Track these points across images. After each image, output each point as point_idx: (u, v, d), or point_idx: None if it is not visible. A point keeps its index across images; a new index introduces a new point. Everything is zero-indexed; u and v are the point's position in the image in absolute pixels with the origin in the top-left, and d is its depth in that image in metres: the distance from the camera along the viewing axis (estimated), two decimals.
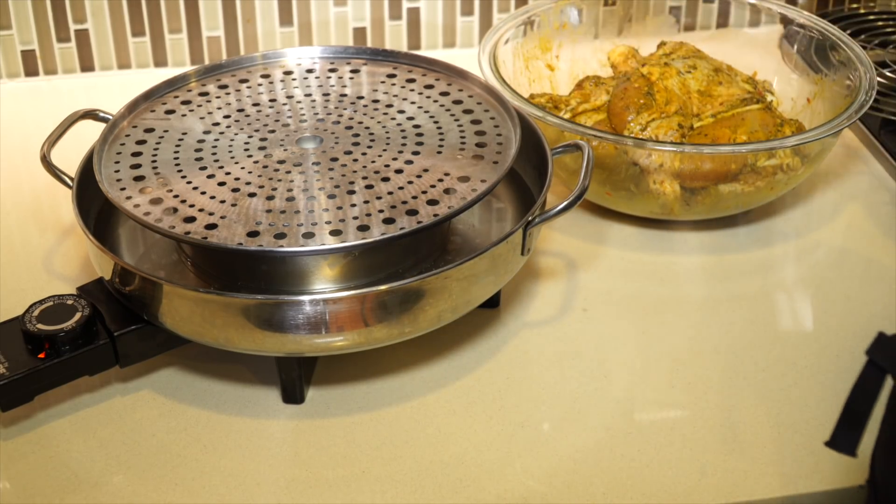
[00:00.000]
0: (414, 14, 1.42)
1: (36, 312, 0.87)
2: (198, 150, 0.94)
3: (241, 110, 0.99)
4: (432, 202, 0.87)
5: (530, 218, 0.90)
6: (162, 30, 1.37)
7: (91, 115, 1.01)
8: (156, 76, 1.02)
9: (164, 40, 1.38)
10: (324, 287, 0.86)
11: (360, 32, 1.42)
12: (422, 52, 1.25)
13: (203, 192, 0.88)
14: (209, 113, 0.99)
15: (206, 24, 1.38)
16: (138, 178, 0.90)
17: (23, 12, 1.33)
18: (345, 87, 1.03)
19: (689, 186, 1.08)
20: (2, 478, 0.83)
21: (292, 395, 0.90)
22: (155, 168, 0.91)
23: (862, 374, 0.68)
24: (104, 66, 1.39)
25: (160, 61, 1.39)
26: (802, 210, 1.16)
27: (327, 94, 1.01)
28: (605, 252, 1.09)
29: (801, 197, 1.17)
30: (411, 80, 1.03)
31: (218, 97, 1.01)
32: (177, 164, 0.92)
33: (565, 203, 0.90)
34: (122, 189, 0.89)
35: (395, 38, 1.43)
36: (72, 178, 0.95)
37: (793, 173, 1.09)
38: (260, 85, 1.03)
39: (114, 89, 1.35)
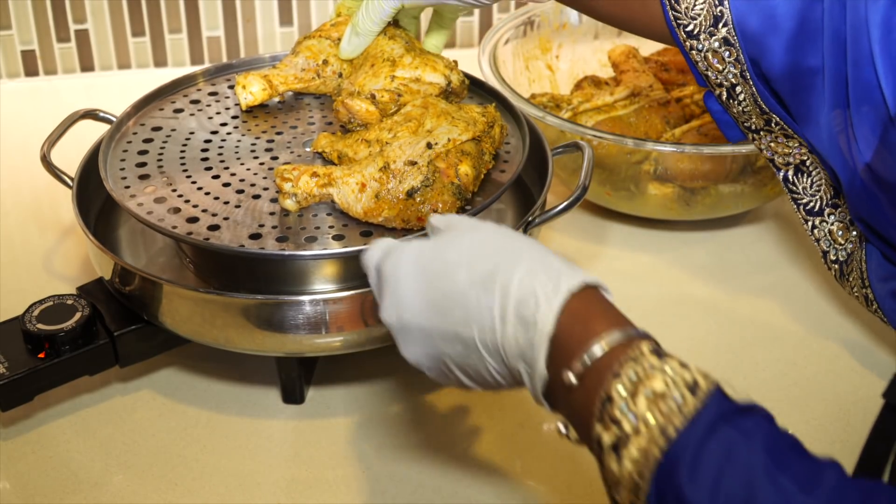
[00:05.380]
0: None
1: (36, 312, 0.87)
2: (204, 151, 0.93)
3: (249, 111, 0.99)
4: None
5: (530, 218, 0.90)
6: (162, 30, 1.37)
7: (91, 115, 1.01)
8: (156, 76, 1.02)
9: (164, 40, 1.38)
10: (324, 287, 0.86)
11: None
12: None
13: (207, 193, 0.88)
14: (217, 113, 0.99)
15: (206, 23, 1.38)
16: (143, 177, 0.90)
17: (23, 12, 1.33)
18: None
19: (689, 186, 1.08)
20: (2, 478, 0.83)
21: (292, 395, 0.90)
22: (161, 167, 0.91)
23: (879, 418, 0.67)
24: (104, 66, 1.39)
25: (160, 61, 1.39)
26: None
27: None
28: (605, 252, 1.09)
29: None
30: None
31: (227, 97, 1.01)
32: (182, 164, 0.91)
33: (565, 203, 0.90)
34: (127, 187, 0.89)
35: None
36: (72, 178, 0.95)
37: None
38: None
39: (114, 89, 1.35)
